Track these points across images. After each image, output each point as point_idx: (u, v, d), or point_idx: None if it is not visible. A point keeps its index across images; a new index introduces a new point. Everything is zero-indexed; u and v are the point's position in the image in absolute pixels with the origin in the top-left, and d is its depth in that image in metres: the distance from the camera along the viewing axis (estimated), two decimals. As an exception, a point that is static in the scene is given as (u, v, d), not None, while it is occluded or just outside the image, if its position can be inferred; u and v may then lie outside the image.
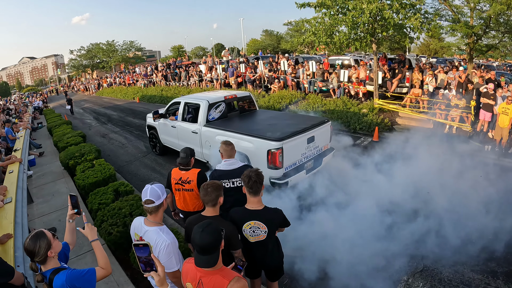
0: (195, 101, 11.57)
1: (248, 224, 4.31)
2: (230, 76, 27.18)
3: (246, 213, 4.36)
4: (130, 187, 9.11)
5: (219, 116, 11.11)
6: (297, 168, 8.90)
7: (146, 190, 3.85)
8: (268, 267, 4.72)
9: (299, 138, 8.82)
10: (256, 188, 4.32)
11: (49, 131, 21.96)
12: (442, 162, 9.72)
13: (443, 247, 6.57)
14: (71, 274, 3.41)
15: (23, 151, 13.99)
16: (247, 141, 8.92)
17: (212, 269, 3.10)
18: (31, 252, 3.36)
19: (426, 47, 61.07)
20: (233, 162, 5.58)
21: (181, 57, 60.25)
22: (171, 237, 3.79)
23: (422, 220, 7.35)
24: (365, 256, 6.22)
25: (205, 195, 4.19)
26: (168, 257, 3.70)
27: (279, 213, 4.49)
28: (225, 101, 11.35)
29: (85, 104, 41.96)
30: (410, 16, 15.06)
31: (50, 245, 3.44)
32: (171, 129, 12.62)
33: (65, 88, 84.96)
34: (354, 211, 7.52)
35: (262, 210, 4.38)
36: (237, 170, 5.46)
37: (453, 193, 8.06)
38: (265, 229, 4.33)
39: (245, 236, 4.37)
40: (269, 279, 4.84)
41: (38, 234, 3.45)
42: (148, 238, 3.82)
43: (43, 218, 9.54)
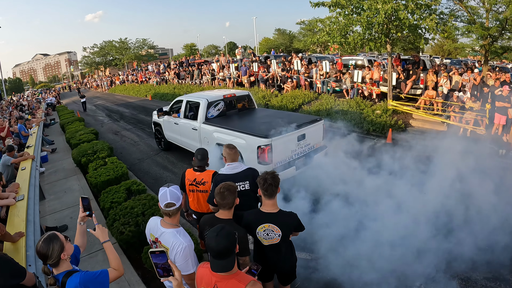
0: (196, 100, 12.14)
1: (262, 226, 4.27)
2: (243, 75, 27.14)
3: (260, 216, 4.32)
4: (143, 186, 9.09)
5: (218, 114, 11.72)
6: (287, 164, 9.24)
7: (165, 193, 3.79)
8: (281, 271, 4.67)
9: (289, 136, 9.16)
10: (271, 191, 4.26)
11: (61, 128, 22.11)
12: (456, 166, 9.61)
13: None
14: (84, 276, 3.38)
15: (36, 147, 14.08)
16: (240, 138, 9.43)
17: (228, 274, 3.08)
18: (44, 255, 3.32)
19: (439, 47, 60.73)
20: (237, 166, 5.51)
21: (194, 55, 60.35)
22: (188, 240, 3.76)
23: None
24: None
25: (223, 199, 4.14)
26: (185, 260, 3.68)
27: (293, 217, 4.43)
28: (224, 100, 11.96)
29: (97, 101, 42.19)
30: (425, 17, 14.92)
31: (63, 248, 3.41)
32: (174, 125, 13.25)
33: (78, 84, 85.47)
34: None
35: (277, 213, 4.33)
36: (240, 174, 5.41)
37: (475, 199, 7.92)
38: (279, 232, 4.28)
39: (258, 239, 4.33)
40: (281, 283, 4.79)
41: (51, 236, 3.41)
42: (165, 240, 3.80)
43: (55, 215, 9.58)
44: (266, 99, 22.34)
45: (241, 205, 4.46)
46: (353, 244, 6.45)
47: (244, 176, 5.34)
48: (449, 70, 18.69)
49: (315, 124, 10.07)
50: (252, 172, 5.44)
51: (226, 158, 5.59)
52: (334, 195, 8.12)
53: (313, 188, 8.52)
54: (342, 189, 8.46)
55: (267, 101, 21.93)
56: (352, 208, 7.55)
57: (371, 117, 16.41)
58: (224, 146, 5.70)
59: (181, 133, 12.87)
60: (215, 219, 4.19)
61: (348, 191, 8.37)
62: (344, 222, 6.92)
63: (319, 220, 7.11)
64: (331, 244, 6.53)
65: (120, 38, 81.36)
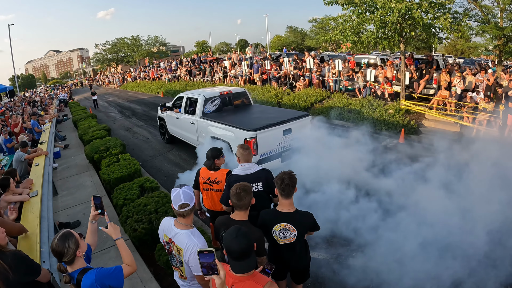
0: (194, 96, 12.98)
1: (278, 226, 4.28)
2: (255, 73, 27.12)
3: (277, 215, 4.34)
4: (156, 184, 9.13)
5: (214, 109, 12.64)
6: (273, 156, 10.01)
7: (178, 194, 3.78)
8: (295, 269, 4.69)
9: (274, 130, 9.91)
10: (288, 190, 4.26)
11: (74, 124, 22.28)
12: (471, 167, 9.55)
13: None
14: (100, 272, 3.40)
15: (49, 143, 14.17)
16: (230, 131, 10.31)
17: (245, 275, 3.09)
18: (60, 253, 3.34)
19: (452, 46, 60.38)
20: (250, 167, 5.49)
21: (205, 52, 60.41)
22: (202, 241, 3.77)
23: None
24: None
25: (239, 200, 4.14)
26: (198, 261, 3.66)
27: (309, 217, 4.44)
28: (220, 97, 12.86)
29: (109, 98, 42.39)
30: (439, 16, 14.82)
31: (78, 245, 3.43)
32: (175, 120, 14.30)
33: (90, 81, 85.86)
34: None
35: (293, 212, 4.34)
36: (253, 175, 5.40)
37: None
38: (295, 232, 4.29)
39: (274, 237, 4.34)
40: (295, 281, 4.82)
41: (66, 234, 3.42)
42: (179, 241, 3.82)
43: (67, 210, 9.67)
44: (278, 97, 22.28)
45: (253, 205, 4.47)
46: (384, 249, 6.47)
47: (257, 177, 5.34)
48: (462, 70, 18.55)
49: (302, 119, 10.73)
50: (265, 174, 5.43)
51: (239, 159, 5.57)
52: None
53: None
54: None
55: (279, 99, 21.90)
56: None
57: (383, 116, 16.34)
58: (238, 146, 5.69)
59: (182, 127, 13.84)
60: (230, 220, 4.19)
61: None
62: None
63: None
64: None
65: (132, 35, 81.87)
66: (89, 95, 35.93)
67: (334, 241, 7.09)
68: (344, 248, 6.92)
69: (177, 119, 14.03)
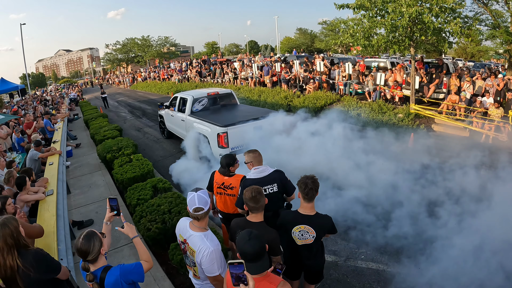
0: (185, 96, 14.59)
1: (298, 227, 4.41)
2: (265, 75, 27.17)
3: (297, 217, 4.47)
4: (169, 184, 9.21)
5: (202, 108, 14.19)
6: (243, 150, 10.37)
7: (193, 198, 3.88)
8: (310, 269, 4.81)
9: (244, 126, 11.26)
10: (311, 194, 4.40)
11: (85, 123, 22.38)
12: (481, 173, 9.61)
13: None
14: (123, 268, 3.55)
15: (62, 142, 14.30)
16: (207, 127, 11.83)
17: (259, 276, 3.17)
18: (86, 252, 3.46)
19: (462, 50, 60.03)
20: (263, 169, 5.55)
21: (215, 53, 60.44)
22: (215, 244, 3.86)
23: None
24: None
25: (256, 202, 4.25)
26: (211, 263, 3.79)
27: (328, 220, 4.57)
28: (208, 97, 14.45)
29: (119, 98, 42.52)
30: (449, 21, 14.83)
31: (102, 243, 3.56)
32: (171, 117, 16.07)
33: (100, 80, 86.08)
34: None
35: (314, 216, 4.47)
36: (268, 177, 5.47)
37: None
38: (313, 234, 4.42)
39: (293, 238, 4.46)
40: (309, 281, 4.93)
41: (90, 233, 3.55)
42: (192, 243, 3.92)
43: (80, 209, 9.78)
44: (288, 99, 22.34)
45: (268, 206, 4.56)
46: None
47: (272, 179, 5.42)
48: (472, 74, 18.54)
49: (272, 117, 12.02)
50: (279, 175, 5.50)
51: (252, 163, 5.64)
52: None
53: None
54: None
55: (289, 102, 21.96)
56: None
57: (393, 120, 16.36)
58: (246, 153, 5.79)
59: (175, 124, 15.56)
60: (247, 222, 4.29)
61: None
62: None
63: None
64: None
65: (142, 36, 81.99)
66: (100, 94, 36.05)
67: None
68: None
69: (172, 116, 15.79)
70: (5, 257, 3.65)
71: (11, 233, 3.72)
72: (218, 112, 13.68)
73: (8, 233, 3.70)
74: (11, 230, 3.73)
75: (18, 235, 3.78)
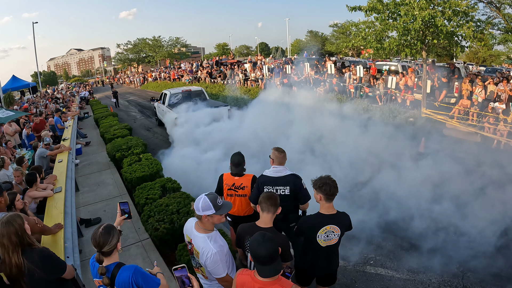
0: (166, 92, 19.38)
1: (324, 229, 4.37)
2: (276, 77, 27.12)
3: (321, 218, 4.42)
4: (177, 184, 9.13)
5: (176, 101, 18.51)
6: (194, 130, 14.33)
7: (199, 200, 3.89)
8: (329, 272, 4.79)
9: (195, 113, 15.54)
10: (334, 193, 4.37)
11: (95, 122, 22.51)
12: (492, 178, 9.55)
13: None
14: (138, 270, 3.50)
15: (72, 140, 14.34)
16: (171, 113, 16.97)
17: (271, 280, 3.16)
18: (103, 243, 3.47)
19: (474, 54, 59.66)
20: (281, 170, 5.48)
21: (226, 55, 60.48)
22: (218, 246, 3.83)
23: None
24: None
25: (269, 198, 4.25)
26: (215, 265, 3.77)
27: (347, 216, 4.58)
28: (182, 93, 19.13)
29: (130, 97, 42.72)
30: (462, 24, 14.74)
31: (119, 239, 3.60)
32: (158, 108, 20.86)
33: (111, 80, 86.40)
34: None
35: (336, 214, 4.46)
36: (282, 179, 5.41)
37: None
38: (339, 232, 4.41)
39: (317, 241, 4.41)
40: (324, 285, 4.90)
41: (110, 226, 3.60)
42: (196, 244, 3.93)
43: (88, 207, 9.82)
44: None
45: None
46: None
47: (286, 181, 5.36)
48: (484, 79, 18.39)
49: (220, 108, 16.63)
50: (294, 179, 5.41)
51: (273, 160, 5.58)
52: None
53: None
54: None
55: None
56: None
57: (404, 124, 16.24)
58: (273, 149, 5.69)
59: (160, 112, 20.48)
60: (256, 227, 4.22)
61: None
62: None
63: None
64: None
65: (153, 36, 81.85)
66: (110, 93, 36.27)
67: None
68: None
69: (159, 107, 20.52)
70: (10, 255, 3.62)
71: (16, 231, 3.68)
72: (184, 104, 17.15)
73: (13, 231, 3.66)
74: (16, 228, 3.69)
75: (23, 233, 3.74)
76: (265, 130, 12.76)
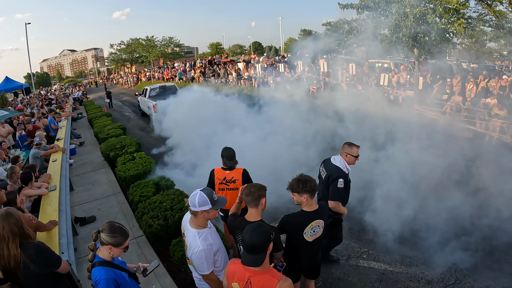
0: (146, 87, 23.96)
1: (310, 225, 4.37)
2: (269, 76, 27.16)
3: (307, 216, 4.40)
4: (171, 182, 9.21)
5: (154, 94, 22.81)
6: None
7: (194, 195, 3.90)
8: (315, 264, 4.83)
9: (166, 100, 18.90)
10: (317, 187, 4.40)
11: (89, 122, 22.55)
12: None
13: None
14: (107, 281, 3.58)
15: (66, 140, 14.37)
16: (150, 102, 21.13)
17: (261, 269, 3.24)
18: (112, 232, 3.71)
19: (466, 51, 59.75)
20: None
21: (219, 54, 60.44)
22: (207, 244, 3.87)
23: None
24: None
25: (248, 194, 4.22)
26: (199, 262, 3.84)
27: (327, 206, 4.71)
28: (159, 88, 23.42)
29: (123, 97, 42.64)
30: (453, 21, 14.81)
31: (120, 245, 3.75)
32: (141, 101, 25.03)
33: (104, 80, 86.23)
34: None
35: (319, 208, 4.46)
36: None
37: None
38: (323, 225, 4.45)
39: (304, 238, 4.40)
40: (311, 277, 4.94)
41: (124, 229, 3.90)
42: (187, 238, 4.02)
43: (83, 206, 9.85)
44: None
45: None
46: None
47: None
48: (476, 75, 18.47)
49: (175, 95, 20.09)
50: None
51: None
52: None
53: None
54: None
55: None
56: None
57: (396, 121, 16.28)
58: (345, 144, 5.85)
59: (142, 104, 24.90)
60: (245, 221, 4.21)
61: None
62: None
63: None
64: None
65: (146, 36, 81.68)
66: (104, 94, 36.26)
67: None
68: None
69: (142, 100, 24.65)
70: (9, 246, 3.68)
71: (16, 222, 3.76)
72: (160, 96, 21.68)
73: (14, 222, 3.74)
74: (16, 219, 3.78)
75: (22, 224, 3.82)
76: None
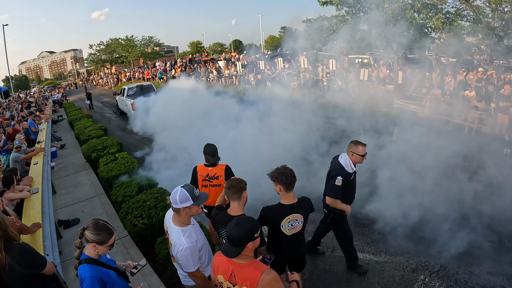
0: (124, 87, 24.75)
1: (287, 219, 4.39)
2: (250, 73, 27.20)
3: (284, 209, 4.42)
4: (154, 181, 9.21)
5: (132, 93, 23.46)
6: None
7: (175, 192, 3.88)
8: (299, 258, 4.85)
9: (143, 98, 19.00)
10: (292, 181, 4.40)
11: (70, 124, 22.37)
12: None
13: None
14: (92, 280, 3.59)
15: (46, 143, 14.24)
16: (128, 100, 21.32)
17: (245, 262, 3.27)
18: (96, 230, 3.66)
19: (445, 46, 60.30)
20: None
21: (200, 53, 60.26)
22: (191, 241, 3.88)
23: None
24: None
25: (229, 187, 4.26)
26: (185, 259, 3.84)
27: (309, 201, 4.63)
28: (136, 87, 24.34)
29: (104, 98, 42.30)
30: (431, 16, 14.97)
31: (105, 242, 3.67)
32: (119, 100, 25.31)
33: (84, 82, 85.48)
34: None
35: (297, 202, 4.47)
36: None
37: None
38: (302, 220, 4.46)
39: (282, 231, 4.43)
40: (296, 270, 4.88)
41: (109, 227, 3.75)
42: (171, 236, 4.01)
43: (66, 209, 9.76)
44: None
45: None
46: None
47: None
48: (454, 69, 18.68)
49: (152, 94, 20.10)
50: None
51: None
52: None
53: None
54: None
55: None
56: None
57: (376, 115, 16.42)
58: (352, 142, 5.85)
59: (120, 102, 25.16)
60: (227, 216, 4.27)
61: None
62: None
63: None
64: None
65: (126, 36, 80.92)
66: (84, 96, 36.02)
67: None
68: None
69: (120, 99, 25.01)
70: None
71: (0, 225, 3.72)
72: (138, 95, 22.00)
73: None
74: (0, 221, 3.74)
75: (5, 226, 3.77)
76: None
